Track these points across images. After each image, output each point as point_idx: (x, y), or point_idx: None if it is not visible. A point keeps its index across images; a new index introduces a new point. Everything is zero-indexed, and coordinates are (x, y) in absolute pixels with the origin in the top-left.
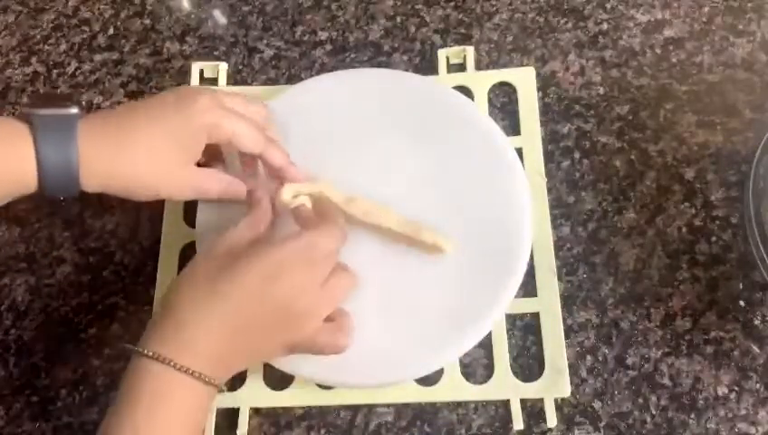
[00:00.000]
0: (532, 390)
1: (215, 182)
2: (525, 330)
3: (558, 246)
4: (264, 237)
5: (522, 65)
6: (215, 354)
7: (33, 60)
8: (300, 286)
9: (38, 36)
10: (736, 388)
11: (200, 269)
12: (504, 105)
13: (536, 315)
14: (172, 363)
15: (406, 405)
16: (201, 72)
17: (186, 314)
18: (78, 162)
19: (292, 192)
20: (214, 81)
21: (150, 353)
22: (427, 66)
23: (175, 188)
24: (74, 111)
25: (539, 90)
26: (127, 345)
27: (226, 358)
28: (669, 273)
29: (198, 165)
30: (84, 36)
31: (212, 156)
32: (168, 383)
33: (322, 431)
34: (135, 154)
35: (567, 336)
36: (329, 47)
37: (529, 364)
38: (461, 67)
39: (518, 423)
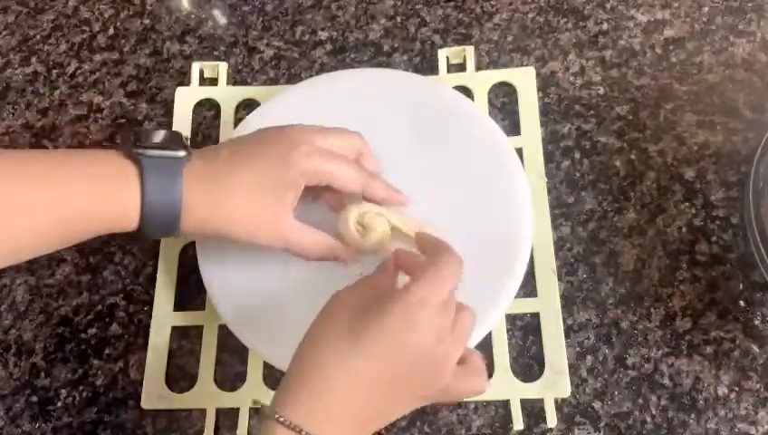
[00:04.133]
0: (532, 390)
1: (310, 241)
2: (525, 330)
3: (558, 246)
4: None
5: (522, 65)
6: (352, 420)
7: (33, 60)
8: (436, 332)
9: (38, 36)
10: (736, 388)
11: (334, 321)
12: (504, 105)
13: (536, 315)
14: (304, 433)
15: None
16: (201, 72)
17: (320, 376)
18: (180, 205)
19: (356, 214)
20: (214, 81)
21: (282, 419)
22: (427, 66)
23: (272, 236)
24: (181, 154)
25: (539, 90)
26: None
27: (365, 422)
28: (669, 273)
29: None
30: (84, 36)
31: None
32: None
33: None
34: (234, 199)
35: (567, 336)
36: (329, 47)
37: (529, 364)
38: (461, 67)
39: (518, 423)
